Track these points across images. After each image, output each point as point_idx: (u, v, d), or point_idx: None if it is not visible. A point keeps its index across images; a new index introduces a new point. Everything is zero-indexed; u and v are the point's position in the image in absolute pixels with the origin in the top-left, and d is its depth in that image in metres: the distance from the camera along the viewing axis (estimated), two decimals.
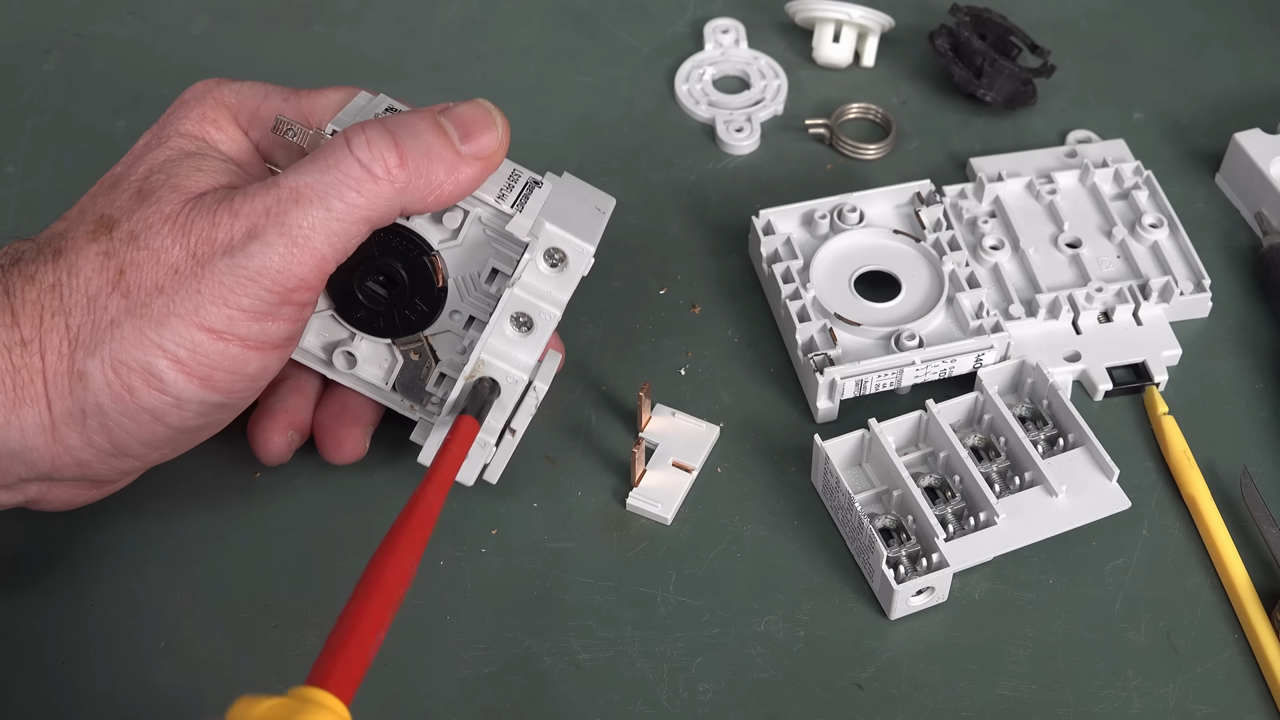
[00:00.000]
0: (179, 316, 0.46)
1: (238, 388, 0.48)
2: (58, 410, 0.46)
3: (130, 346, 0.46)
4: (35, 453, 0.47)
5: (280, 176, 0.47)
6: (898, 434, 0.56)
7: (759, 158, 0.69)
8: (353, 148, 0.47)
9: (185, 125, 0.50)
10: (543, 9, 0.76)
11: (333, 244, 0.47)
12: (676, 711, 0.51)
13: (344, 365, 0.54)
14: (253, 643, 0.52)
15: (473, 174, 0.49)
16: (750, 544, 0.55)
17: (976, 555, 0.53)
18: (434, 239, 0.51)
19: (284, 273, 0.46)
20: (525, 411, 0.54)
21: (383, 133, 0.47)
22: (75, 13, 0.76)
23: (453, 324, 0.53)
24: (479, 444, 0.52)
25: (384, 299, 0.53)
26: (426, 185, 0.48)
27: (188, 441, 0.50)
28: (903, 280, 0.60)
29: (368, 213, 0.47)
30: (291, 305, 0.47)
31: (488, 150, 0.49)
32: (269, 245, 0.46)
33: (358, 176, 0.47)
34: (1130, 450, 0.58)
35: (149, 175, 0.48)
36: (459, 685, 0.51)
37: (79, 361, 0.46)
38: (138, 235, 0.47)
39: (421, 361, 0.54)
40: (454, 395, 0.51)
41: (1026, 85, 0.70)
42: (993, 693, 0.51)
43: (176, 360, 0.46)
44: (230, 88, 0.51)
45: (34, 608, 0.53)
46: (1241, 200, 0.66)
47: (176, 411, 0.47)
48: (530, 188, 0.52)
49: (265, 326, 0.47)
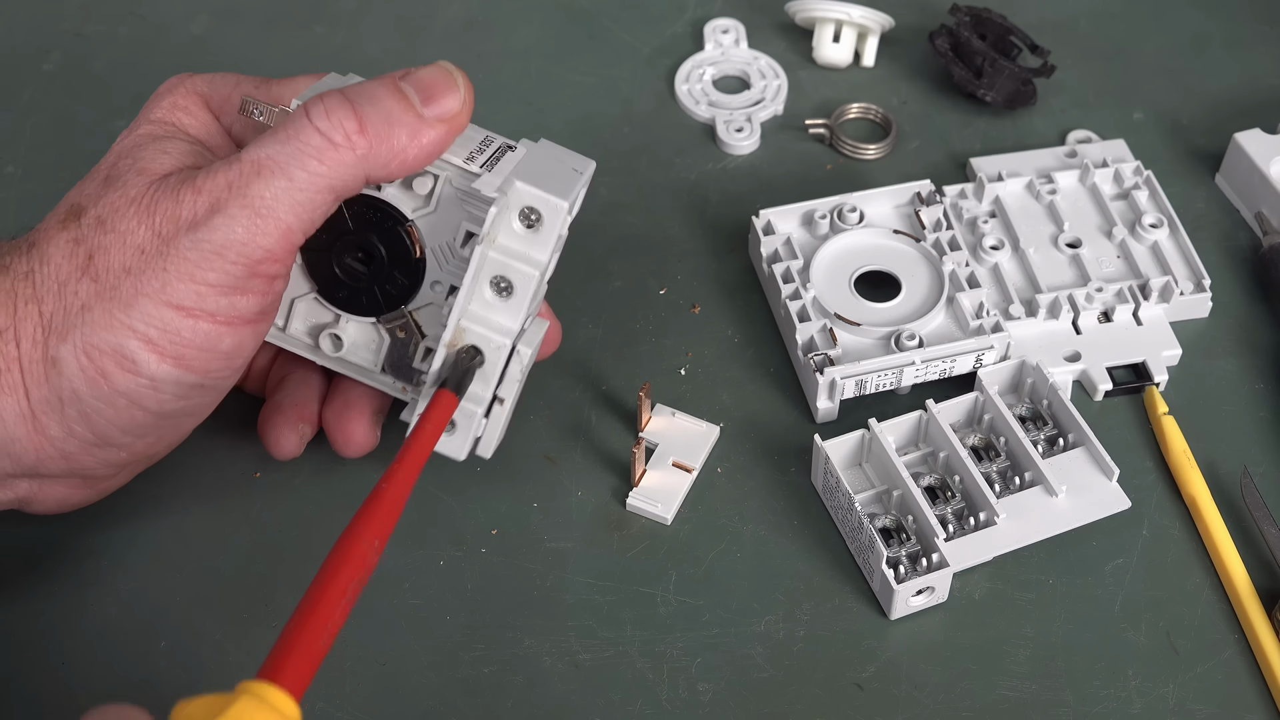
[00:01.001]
0: (146, 296, 0.46)
1: (213, 366, 0.48)
2: (35, 399, 0.46)
3: (100, 329, 0.46)
4: (18, 444, 0.47)
5: (242, 151, 0.47)
6: (898, 434, 0.56)
7: (759, 158, 0.69)
8: (311, 117, 0.47)
9: (155, 113, 0.51)
10: (543, 9, 0.76)
11: (297, 214, 0.47)
12: (676, 711, 0.51)
13: (331, 349, 0.54)
14: (253, 643, 0.52)
15: (437, 136, 0.49)
16: (750, 544, 0.55)
17: (976, 555, 0.53)
18: (407, 208, 0.51)
19: (248, 244, 0.46)
20: (511, 379, 0.52)
21: (341, 101, 0.47)
22: (75, 13, 0.76)
23: (435, 295, 0.53)
24: (465, 415, 0.51)
25: (364, 274, 0.53)
26: (389, 151, 0.48)
27: (172, 429, 0.50)
28: (903, 280, 0.60)
29: (331, 181, 0.47)
30: (259, 278, 0.47)
31: (450, 112, 0.49)
32: (232, 218, 0.46)
33: (318, 145, 0.47)
34: (1130, 450, 0.58)
35: (116, 162, 0.49)
36: (459, 685, 0.51)
37: (52, 348, 0.46)
38: (104, 220, 0.47)
39: (408, 338, 0.54)
40: (436, 365, 0.51)
41: (1026, 85, 0.70)
42: (993, 693, 0.51)
43: (148, 340, 0.46)
44: (203, 77, 0.52)
45: (34, 608, 0.53)
46: (1241, 200, 0.66)
47: (153, 394, 0.47)
48: (502, 151, 0.51)
49: (234, 301, 0.47)
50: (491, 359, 0.51)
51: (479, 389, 0.51)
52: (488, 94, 0.70)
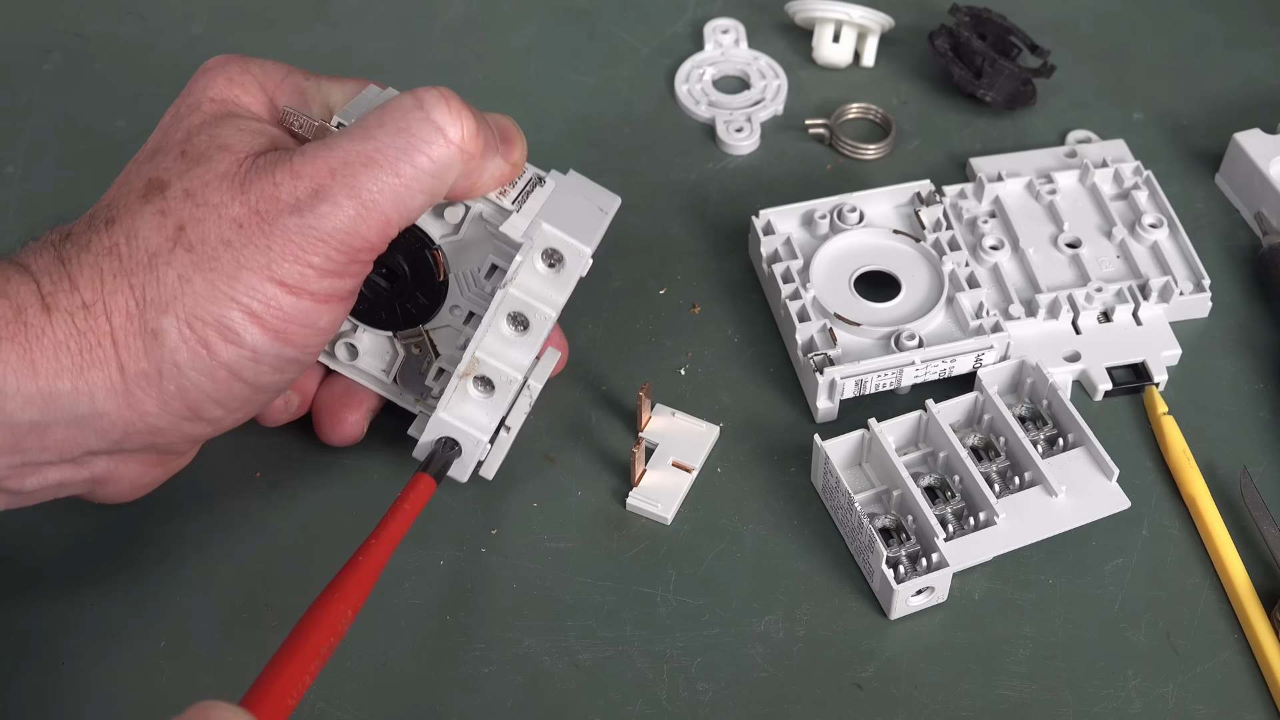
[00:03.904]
0: (250, 270, 0.46)
1: (311, 341, 0.48)
2: (131, 372, 0.46)
3: (205, 301, 0.46)
4: (106, 418, 0.46)
5: (341, 137, 0.47)
6: (898, 434, 0.56)
7: (759, 158, 0.69)
8: (429, 110, 0.47)
9: (213, 90, 0.50)
10: (543, 9, 0.76)
11: (398, 209, 0.47)
12: (676, 711, 0.51)
13: (346, 356, 0.55)
14: (253, 643, 0.52)
15: (503, 174, 0.50)
16: (750, 544, 0.55)
17: (976, 555, 0.53)
18: (435, 233, 0.52)
19: (353, 234, 0.47)
20: (520, 410, 0.54)
21: (457, 97, 0.48)
22: (75, 13, 0.76)
23: (453, 319, 0.53)
24: (471, 442, 0.52)
25: (386, 291, 0.53)
26: (482, 165, 0.49)
27: (260, 403, 0.50)
28: (903, 280, 0.60)
29: (432, 181, 0.47)
30: (358, 264, 0.48)
31: (515, 158, 0.51)
32: (339, 207, 0.46)
33: (430, 139, 0.47)
34: (1130, 450, 0.58)
35: (189, 138, 0.48)
36: (459, 685, 0.51)
37: (151, 320, 0.46)
38: (194, 193, 0.46)
39: (422, 355, 0.54)
40: (447, 390, 0.51)
41: (1026, 85, 0.70)
42: (993, 693, 0.51)
43: (250, 313, 0.46)
44: (254, 60, 0.52)
45: (34, 608, 0.53)
46: (1241, 200, 0.66)
47: (253, 365, 0.47)
48: (533, 184, 0.52)
49: (334, 282, 0.47)
50: (501, 390, 0.52)
51: (484, 418, 0.52)
52: (488, 94, 0.70)
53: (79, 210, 0.49)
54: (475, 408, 0.52)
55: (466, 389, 0.52)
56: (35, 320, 0.45)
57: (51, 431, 0.46)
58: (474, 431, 0.51)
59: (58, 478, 0.48)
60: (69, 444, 0.46)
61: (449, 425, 0.51)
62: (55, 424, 0.46)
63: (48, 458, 0.47)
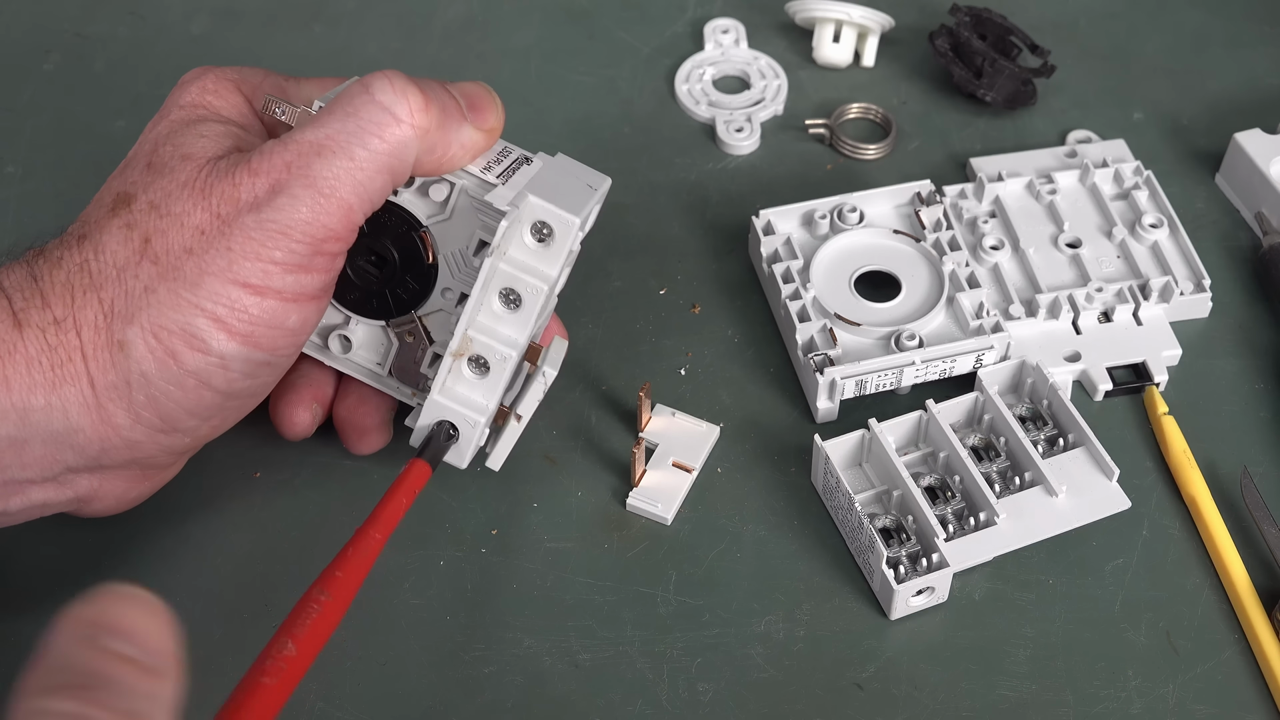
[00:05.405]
0: (212, 275, 0.46)
1: (280, 343, 0.48)
2: (101, 385, 0.46)
3: (168, 310, 0.46)
4: (81, 434, 0.46)
5: (295, 132, 0.47)
6: (898, 434, 0.56)
7: (759, 158, 0.69)
8: (374, 92, 0.47)
9: (185, 98, 0.50)
10: (543, 9, 0.76)
11: (358, 193, 0.47)
12: (676, 711, 0.51)
13: (339, 350, 0.54)
14: (253, 643, 0.52)
15: (476, 142, 0.50)
16: (750, 544, 0.55)
17: (976, 555, 0.53)
18: (422, 214, 0.51)
19: (313, 224, 0.46)
20: (533, 397, 0.53)
21: (402, 76, 0.48)
22: (75, 13, 0.76)
23: (445, 302, 0.53)
24: (467, 424, 0.51)
25: (376, 278, 0.53)
26: (443, 137, 0.48)
27: (235, 410, 0.50)
28: (903, 280, 0.60)
29: (389, 160, 0.47)
30: (323, 256, 0.47)
31: (489, 124, 0.50)
32: (295, 198, 0.46)
33: (379, 120, 0.47)
34: (1130, 450, 0.58)
35: (155, 149, 0.48)
36: (459, 685, 0.51)
37: (117, 332, 0.46)
38: (158, 204, 0.47)
39: (416, 343, 0.54)
40: (440, 371, 0.51)
41: (1026, 85, 0.70)
42: (993, 693, 0.51)
43: (216, 319, 0.46)
44: (231, 67, 0.52)
45: (34, 609, 0.53)
46: (1241, 200, 0.66)
47: (222, 372, 0.47)
48: (519, 163, 0.51)
49: (300, 278, 0.47)
50: (496, 370, 0.51)
51: (480, 398, 0.51)
52: None
53: (79, 210, 0.49)
54: (470, 389, 0.51)
55: (461, 370, 0.51)
56: (7, 336, 0.45)
57: (29, 448, 0.46)
58: (469, 413, 0.51)
59: (41, 498, 0.48)
60: (48, 461, 0.47)
61: (444, 407, 0.51)
62: (32, 440, 0.46)
63: (29, 475, 0.47)
